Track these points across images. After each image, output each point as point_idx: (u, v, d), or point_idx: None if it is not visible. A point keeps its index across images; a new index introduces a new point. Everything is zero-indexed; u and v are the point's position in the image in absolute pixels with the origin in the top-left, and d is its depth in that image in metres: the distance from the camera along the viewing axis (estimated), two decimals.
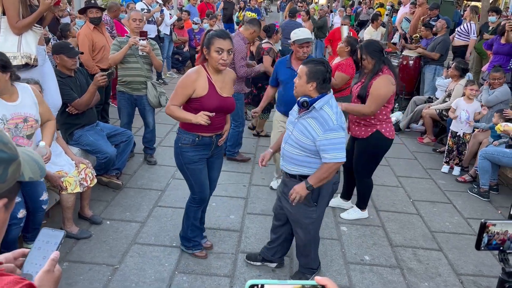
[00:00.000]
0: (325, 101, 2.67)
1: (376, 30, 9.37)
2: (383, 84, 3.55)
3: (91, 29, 5.35)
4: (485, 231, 1.33)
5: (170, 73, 9.70)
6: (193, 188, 3.12)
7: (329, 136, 2.60)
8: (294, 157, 2.78)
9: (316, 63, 2.69)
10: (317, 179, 2.70)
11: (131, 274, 3.12)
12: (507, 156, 4.60)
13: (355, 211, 4.12)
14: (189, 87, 2.83)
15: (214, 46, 2.77)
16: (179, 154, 3.01)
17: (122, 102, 4.73)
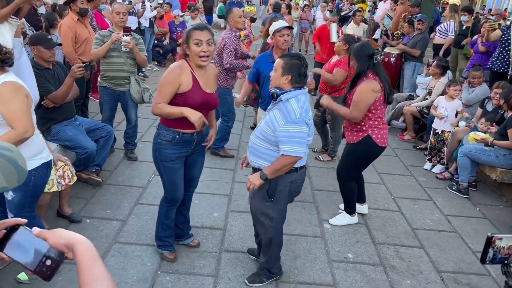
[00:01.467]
0: (294, 95, 2.67)
1: (358, 26, 9.40)
2: (365, 90, 3.47)
3: (74, 20, 5.20)
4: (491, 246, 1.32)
5: (151, 66, 9.54)
6: (166, 187, 3.06)
7: (289, 128, 2.59)
8: (257, 148, 2.79)
9: (292, 57, 2.72)
10: (271, 170, 2.68)
11: (112, 274, 3.02)
12: (485, 154, 4.69)
13: (344, 216, 4.01)
14: (175, 82, 2.74)
15: (192, 38, 2.71)
16: (157, 150, 2.95)
17: (105, 98, 4.61)
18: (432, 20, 10.85)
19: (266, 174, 2.69)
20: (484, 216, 4.44)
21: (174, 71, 2.76)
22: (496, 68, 6.03)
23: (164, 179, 3.02)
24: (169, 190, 3.05)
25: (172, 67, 2.80)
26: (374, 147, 3.63)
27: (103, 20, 6.69)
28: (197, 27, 2.76)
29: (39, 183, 2.74)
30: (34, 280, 2.85)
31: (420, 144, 6.28)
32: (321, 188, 4.69)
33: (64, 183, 3.42)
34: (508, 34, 5.89)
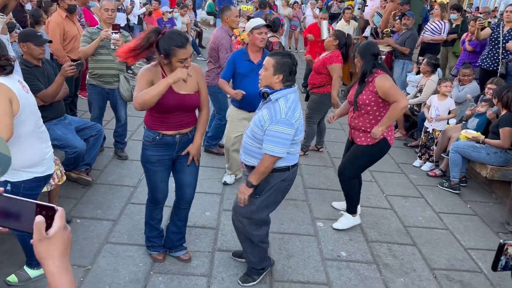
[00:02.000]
0: (283, 94, 2.66)
1: (348, 24, 9.40)
2: (385, 80, 3.43)
3: (63, 17, 5.11)
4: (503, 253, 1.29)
5: (140, 63, 9.42)
6: (148, 185, 3.04)
7: (274, 128, 2.59)
8: (250, 148, 2.78)
9: (283, 56, 2.70)
10: (256, 174, 2.69)
11: (104, 275, 3.00)
12: (476, 151, 4.72)
13: (347, 218, 3.91)
14: (149, 76, 2.67)
15: (176, 57, 2.58)
16: (141, 150, 2.95)
17: (93, 96, 4.53)
18: (420, 18, 10.89)
19: (252, 181, 2.70)
20: (475, 213, 4.47)
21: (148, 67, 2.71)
22: (486, 66, 6.08)
23: (147, 177, 3.01)
24: (150, 189, 3.04)
25: (146, 66, 2.74)
26: (387, 147, 3.65)
27: (92, 17, 6.60)
28: (181, 45, 2.56)
29: (28, 194, 2.58)
30: (24, 282, 2.79)
31: (410, 142, 6.31)
32: (313, 186, 4.68)
33: (53, 183, 3.36)
34: (497, 32, 5.94)
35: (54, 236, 0.98)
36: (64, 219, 1.01)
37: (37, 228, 0.97)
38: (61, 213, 1.01)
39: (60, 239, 0.99)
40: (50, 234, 0.97)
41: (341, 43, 4.91)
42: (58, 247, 0.98)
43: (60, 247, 0.99)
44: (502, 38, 5.85)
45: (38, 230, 0.97)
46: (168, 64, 2.66)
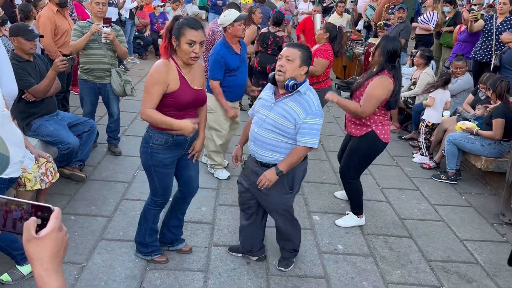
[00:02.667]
0: (308, 86, 2.72)
1: (341, 17, 9.38)
2: (378, 85, 3.39)
3: (54, 12, 5.02)
4: None
5: (132, 59, 9.35)
6: (156, 191, 2.89)
7: (310, 120, 2.63)
8: (270, 142, 2.73)
9: (306, 48, 2.72)
10: (287, 164, 2.69)
11: (99, 272, 2.97)
12: (471, 143, 4.74)
13: (351, 218, 3.87)
14: (162, 83, 2.55)
15: (185, 37, 2.51)
16: (149, 154, 2.75)
17: (85, 91, 4.47)
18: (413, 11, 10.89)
19: (282, 170, 2.70)
20: (470, 205, 4.48)
21: (160, 70, 2.56)
22: (479, 58, 6.08)
23: (155, 183, 2.85)
24: (160, 194, 2.90)
25: (157, 66, 2.59)
26: (379, 142, 3.58)
27: (84, 11, 6.52)
28: (192, 25, 2.52)
29: None
30: (17, 281, 2.75)
31: (405, 135, 6.32)
32: (309, 180, 4.66)
33: (47, 181, 3.31)
34: (490, 24, 5.94)
35: (45, 237, 0.94)
36: (59, 220, 0.97)
37: (26, 228, 0.94)
38: (57, 214, 0.97)
39: (52, 240, 0.94)
40: (41, 235, 0.94)
41: (331, 36, 4.84)
42: (48, 248, 0.94)
43: (52, 248, 0.94)
44: (495, 30, 5.86)
45: (27, 230, 0.94)
46: (179, 49, 2.56)
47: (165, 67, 2.58)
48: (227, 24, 4.01)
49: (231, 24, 3.98)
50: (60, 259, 0.97)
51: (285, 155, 2.72)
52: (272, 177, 2.71)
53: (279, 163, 2.71)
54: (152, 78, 2.56)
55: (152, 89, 2.56)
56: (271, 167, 2.75)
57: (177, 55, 2.63)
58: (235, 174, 4.62)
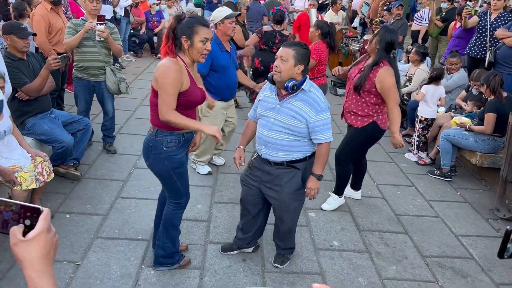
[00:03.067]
0: (310, 83, 2.73)
1: (337, 14, 9.38)
2: (388, 74, 3.49)
3: (48, 9, 4.99)
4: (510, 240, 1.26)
5: (127, 57, 9.32)
6: (180, 193, 2.81)
7: (321, 117, 2.68)
8: (283, 143, 2.74)
9: (301, 46, 2.71)
10: (322, 166, 2.80)
11: (95, 271, 2.96)
12: (465, 139, 4.75)
13: (334, 199, 4.04)
14: (179, 82, 2.49)
15: (199, 36, 2.48)
16: (165, 159, 2.64)
17: (79, 89, 4.45)
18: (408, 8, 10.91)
19: (321, 174, 2.82)
20: (465, 200, 4.50)
21: (176, 68, 2.48)
22: (474, 54, 6.10)
23: (178, 186, 2.77)
24: (184, 193, 2.84)
25: (171, 65, 2.49)
26: (379, 131, 3.71)
27: (79, 9, 6.48)
28: (204, 23, 2.52)
29: None
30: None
31: (400, 131, 6.30)
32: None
33: (42, 180, 3.30)
34: (484, 20, 5.95)
35: (34, 239, 0.93)
36: (48, 221, 0.96)
37: (12, 233, 0.93)
38: (46, 215, 0.96)
39: (41, 241, 0.94)
40: (29, 237, 0.93)
41: (323, 32, 4.81)
42: (37, 249, 0.93)
43: (42, 250, 0.94)
44: (489, 26, 5.87)
45: (13, 235, 0.93)
46: (190, 48, 2.52)
47: (178, 65, 2.51)
48: (217, 20, 3.98)
49: (221, 21, 3.96)
50: (51, 260, 0.96)
51: (299, 152, 2.78)
52: (317, 184, 2.84)
53: (314, 168, 2.81)
54: (169, 78, 2.47)
55: (172, 90, 2.48)
56: (283, 165, 2.79)
57: (184, 54, 2.57)
58: (231, 171, 4.63)
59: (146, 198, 3.92)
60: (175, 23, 2.53)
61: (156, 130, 2.63)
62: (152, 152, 2.66)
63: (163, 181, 2.80)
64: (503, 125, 4.43)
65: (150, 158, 2.70)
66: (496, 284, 3.23)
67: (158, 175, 2.78)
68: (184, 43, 2.51)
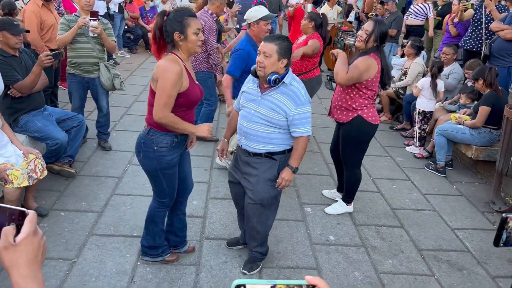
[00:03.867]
0: (292, 76, 2.71)
1: (332, 8, 9.34)
2: (364, 63, 3.42)
3: (39, 5, 4.94)
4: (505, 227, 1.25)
5: (122, 53, 9.27)
6: (164, 193, 2.80)
7: (301, 110, 2.64)
8: (261, 134, 2.72)
9: (283, 39, 2.65)
10: (298, 159, 2.75)
11: (90, 268, 2.95)
12: (461, 133, 4.75)
13: (341, 205, 3.91)
14: (180, 82, 2.45)
15: (191, 28, 2.44)
16: (154, 158, 2.62)
17: (73, 85, 4.42)
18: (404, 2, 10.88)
19: (296, 166, 2.76)
20: (461, 194, 4.51)
21: (177, 69, 2.43)
22: (469, 47, 6.08)
23: (163, 186, 2.75)
24: (169, 194, 2.82)
25: (172, 65, 2.44)
26: (368, 125, 3.59)
27: (72, 4, 6.43)
28: (192, 15, 2.48)
29: None
30: None
31: (396, 125, 6.33)
32: (301, 172, 4.65)
33: (35, 177, 3.27)
34: (480, 13, 5.94)
35: (21, 243, 0.90)
36: (34, 224, 0.93)
37: (4, 234, 0.90)
38: (31, 218, 0.93)
39: (28, 245, 0.91)
40: (16, 241, 0.90)
41: (316, 24, 4.80)
42: (24, 254, 0.90)
43: (28, 254, 0.91)
44: (484, 19, 5.86)
45: (4, 237, 0.90)
46: (185, 42, 2.47)
47: (179, 65, 2.46)
48: (252, 20, 3.77)
49: (256, 21, 3.74)
50: (38, 264, 0.93)
51: (278, 145, 2.74)
52: (290, 176, 2.76)
53: (290, 161, 2.76)
54: (171, 79, 2.42)
55: (172, 92, 2.44)
56: (262, 156, 2.76)
57: (178, 50, 2.52)
58: (220, 167, 4.61)
59: (141, 194, 3.90)
60: (160, 20, 2.47)
61: (149, 128, 2.62)
62: (143, 149, 2.66)
63: (150, 178, 2.80)
64: (499, 118, 4.43)
65: (140, 154, 2.71)
66: (492, 276, 3.24)
67: (145, 172, 2.78)
68: (178, 38, 2.46)
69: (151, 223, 2.93)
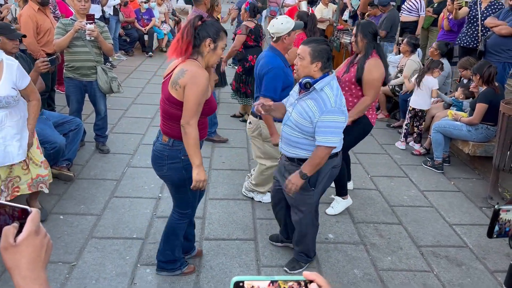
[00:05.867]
0: (327, 82, 2.60)
1: (327, 7, 9.36)
2: (374, 68, 3.46)
3: (35, 10, 4.94)
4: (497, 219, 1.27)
5: (118, 55, 9.27)
6: (188, 203, 2.74)
7: (325, 118, 2.54)
8: (292, 139, 2.72)
9: (319, 42, 2.63)
10: (310, 167, 2.64)
11: (90, 270, 2.96)
12: (457, 129, 4.77)
13: (338, 202, 3.91)
14: (208, 89, 2.42)
15: (222, 42, 2.44)
16: (182, 168, 2.54)
17: (71, 89, 4.42)
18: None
19: (306, 173, 2.64)
20: (459, 190, 4.52)
21: (206, 75, 2.38)
22: (465, 44, 6.10)
23: (189, 195, 2.69)
24: (192, 203, 2.77)
25: (202, 72, 2.38)
26: (369, 125, 3.69)
27: (67, 8, 6.43)
28: (225, 31, 2.49)
29: None
30: None
31: (393, 123, 6.35)
32: None
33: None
34: (475, 10, 5.96)
35: (22, 243, 0.86)
36: (37, 223, 0.90)
37: (4, 234, 0.87)
38: (34, 216, 0.88)
39: (30, 246, 0.87)
40: (17, 242, 0.87)
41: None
42: (26, 255, 0.86)
43: (30, 254, 0.87)
44: (480, 16, 5.88)
45: (5, 236, 0.87)
46: (211, 52, 2.43)
47: (206, 72, 2.42)
48: (284, 33, 3.39)
49: (288, 33, 3.41)
50: (41, 264, 0.90)
51: (307, 151, 2.69)
52: (297, 181, 2.67)
53: (303, 166, 2.66)
54: (203, 86, 2.35)
55: (202, 99, 2.39)
56: (295, 162, 2.75)
57: (201, 57, 2.44)
58: (224, 168, 4.63)
59: (140, 196, 3.91)
60: (197, 21, 2.39)
61: (172, 140, 2.52)
62: (168, 162, 2.56)
63: (175, 190, 2.71)
64: (496, 115, 4.45)
65: (164, 168, 2.59)
66: (491, 271, 3.25)
67: (171, 184, 2.69)
68: (208, 46, 2.40)
69: (172, 236, 2.83)
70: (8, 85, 2.84)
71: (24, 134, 3.06)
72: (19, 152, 3.01)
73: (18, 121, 2.98)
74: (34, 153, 3.22)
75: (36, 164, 3.22)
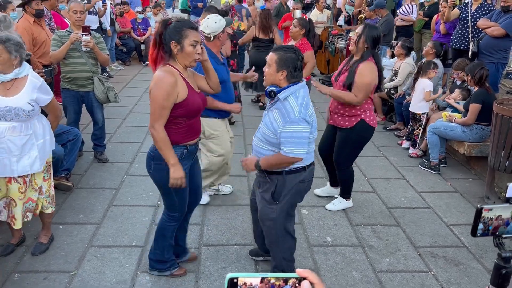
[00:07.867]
0: (291, 91, 2.50)
1: (321, 12, 9.44)
2: (367, 71, 3.47)
3: (30, 22, 5.00)
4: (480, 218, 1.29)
5: (115, 66, 9.33)
6: (175, 206, 2.77)
7: (289, 128, 2.45)
8: (260, 151, 2.65)
9: (286, 50, 2.52)
10: (267, 164, 2.59)
11: (90, 279, 2.98)
12: (453, 130, 4.81)
13: (340, 201, 4.02)
14: (173, 93, 2.42)
15: (189, 39, 2.43)
16: (164, 170, 2.57)
17: (68, 100, 4.46)
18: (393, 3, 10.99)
19: (261, 164, 2.60)
20: (456, 190, 4.55)
21: (170, 80, 2.41)
22: (457, 46, 6.16)
23: (174, 199, 2.73)
24: (180, 207, 2.79)
25: (165, 76, 2.42)
26: (369, 129, 3.70)
27: (63, 20, 6.48)
28: (191, 26, 2.46)
29: None
30: None
31: (390, 125, 6.39)
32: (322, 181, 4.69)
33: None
34: (466, 12, 6.02)
35: None
36: None
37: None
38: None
39: None
40: None
41: (306, 30, 4.97)
42: None
43: None
44: (470, 17, 5.94)
45: None
46: (180, 53, 2.46)
47: (173, 76, 2.44)
48: (219, 32, 3.52)
49: (222, 31, 3.55)
50: None
51: None
52: (250, 164, 2.66)
53: (262, 157, 2.62)
54: (164, 90, 2.41)
55: (166, 103, 2.43)
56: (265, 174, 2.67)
57: (174, 61, 2.52)
58: None
59: (139, 205, 3.93)
60: (161, 28, 2.47)
61: None
62: (154, 162, 2.63)
63: (161, 191, 2.78)
64: (490, 115, 4.49)
65: (151, 167, 2.68)
66: (488, 270, 3.27)
67: (157, 185, 2.76)
68: (174, 48, 2.46)
69: (160, 237, 2.89)
70: (24, 100, 2.81)
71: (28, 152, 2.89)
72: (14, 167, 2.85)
73: (21, 138, 2.84)
74: (37, 175, 3.05)
75: (33, 188, 3.04)
